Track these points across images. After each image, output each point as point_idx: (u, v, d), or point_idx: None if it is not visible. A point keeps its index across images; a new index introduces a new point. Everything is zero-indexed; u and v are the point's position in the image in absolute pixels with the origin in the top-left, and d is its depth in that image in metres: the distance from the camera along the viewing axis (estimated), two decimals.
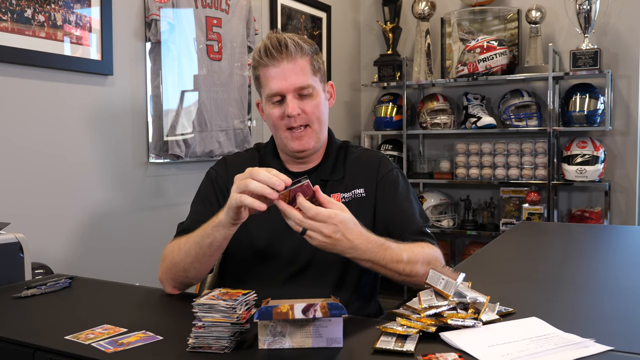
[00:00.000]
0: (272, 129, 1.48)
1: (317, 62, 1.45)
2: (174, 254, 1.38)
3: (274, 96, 1.41)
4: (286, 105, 1.40)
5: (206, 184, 1.54)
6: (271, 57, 1.39)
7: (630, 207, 3.70)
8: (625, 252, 2.12)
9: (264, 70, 1.42)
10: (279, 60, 1.39)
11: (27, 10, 2.04)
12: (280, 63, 1.39)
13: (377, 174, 1.49)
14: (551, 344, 0.98)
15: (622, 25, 3.67)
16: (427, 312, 1.05)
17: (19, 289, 1.43)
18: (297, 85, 1.40)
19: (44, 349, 1.06)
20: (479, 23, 4.11)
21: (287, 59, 1.39)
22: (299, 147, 1.43)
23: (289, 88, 1.39)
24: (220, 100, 2.87)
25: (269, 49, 1.39)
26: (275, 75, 1.39)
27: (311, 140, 1.44)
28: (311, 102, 1.42)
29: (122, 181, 2.47)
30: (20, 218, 1.92)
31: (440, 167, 4.15)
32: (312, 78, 1.42)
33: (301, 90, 1.40)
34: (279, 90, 1.40)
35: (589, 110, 3.57)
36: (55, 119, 2.19)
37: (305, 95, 1.41)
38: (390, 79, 4.15)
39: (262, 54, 1.40)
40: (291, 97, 1.40)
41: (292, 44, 1.39)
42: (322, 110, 1.45)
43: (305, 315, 0.97)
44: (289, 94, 1.40)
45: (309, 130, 1.43)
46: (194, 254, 1.33)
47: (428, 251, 1.37)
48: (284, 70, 1.39)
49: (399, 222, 1.43)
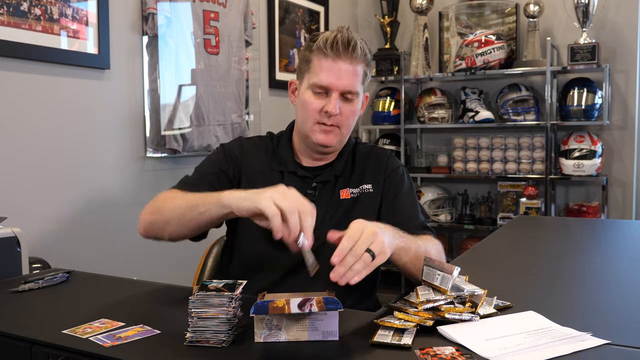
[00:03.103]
0: (301, 116, 1.46)
1: (369, 72, 1.47)
2: (165, 202, 1.35)
3: (320, 88, 1.41)
4: (328, 101, 1.40)
5: (217, 154, 1.53)
6: (336, 51, 1.39)
7: (628, 201, 3.71)
8: (622, 246, 2.13)
9: (320, 59, 1.41)
10: (342, 57, 1.39)
11: (23, 4, 2.03)
12: (341, 60, 1.39)
13: (385, 171, 1.52)
14: (548, 337, 0.98)
15: (620, 20, 3.67)
16: (424, 305, 1.05)
17: (16, 283, 1.43)
18: (347, 88, 1.40)
19: (41, 343, 1.06)
20: (477, 17, 4.11)
21: (349, 60, 1.39)
22: (324, 141, 1.43)
23: (338, 87, 1.40)
24: (217, 94, 2.86)
25: (337, 42, 1.38)
26: (330, 69, 1.39)
27: (335, 140, 1.45)
28: (350, 107, 1.43)
29: (119, 175, 2.47)
30: (17, 212, 1.92)
31: (437, 162, 4.15)
32: (360, 86, 1.44)
33: (347, 94, 1.42)
34: (329, 84, 1.40)
35: (586, 104, 3.57)
36: (52, 113, 2.18)
37: (348, 99, 1.43)
38: (388, 73, 4.15)
39: (329, 45, 1.39)
40: (335, 96, 1.40)
41: (360, 47, 1.40)
42: (355, 118, 1.47)
43: (301, 309, 0.97)
44: (335, 92, 1.40)
45: (337, 130, 1.44)
46: (182, 212, 1.29)
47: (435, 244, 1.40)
48: (340, 69, 1.39)
49: (402, 217, 1.45)
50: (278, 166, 1.50)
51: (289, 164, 1.50)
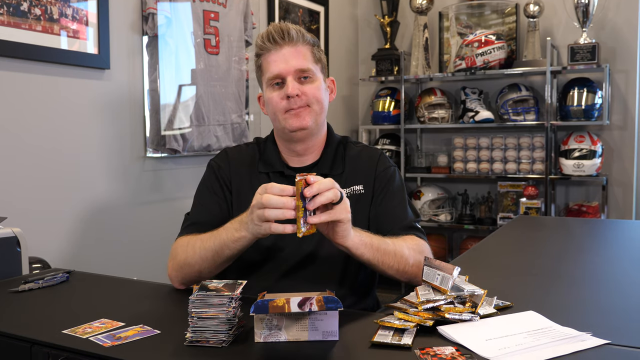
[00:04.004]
0: (272, 116, 1.47)
1: (318, 53, 1.48)
2: (188, 255, 1.36)
3: (275, 79, 1.43)
4: (286, 87, 1.42)
5: (209, 175, 1.54)
6: (274, 42, 1.42)
7: (628, 201, 3.71)
8: (622, 246, 2.13)
9: (266, 57, 1.44)
10: (281, 45, 1.42)
11: (23, 4, 2.03)
12: (282, 48, 1.42)
13: (375, 170, 1.51)
14: (548, 337, 0.98)
15: (620, 20, 3.67)
16: (424, 305, 1.05)
17: (16, 283, 1.43)
18: (298, 67, 1.42)
19: (41, 343, 1.06)
20: (477, 17, 4.11)
21: (289, 44, 1.43)
22: (298, 124, 1.43)
23: (289, 70, 1.42)
24: (217, 94, 2.86)
25: (271, 35, 1.43)
26: (276, 59, 1.42)
27: (309, 119, 1.44)
28: (311, 85, 1.44)
29: (119, 175, 2.47)
30: (18, 212, 1.92)
31: (437, 162, 4.15)
32: (312, 65, 1.45)
33: (301, 73, 1.43)
34: (280, 72, 1.42)
35: (586, 104, 3.57)
36: (52, 112, 2.18)
37: (306, 79, 1.44)
38: (388, 73, 4.15)
39: (265, 39, 1.43)
40: (291, 79, 1.42)
41: (294, 30, 1.44)
42: (322, 95, 1.47)
43: (301, 308, 0.97)
44: (289, 75, 1.42)
45: (308, 109, 1.44)
46: (211, 260, 1.32)
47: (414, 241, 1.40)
48: (285, 54, 1.42)
49: (389, 217, 1.45)
50: (265, 168, 1.51)
51: (275, 165, 1.50)
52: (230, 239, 1.27)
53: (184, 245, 1.39)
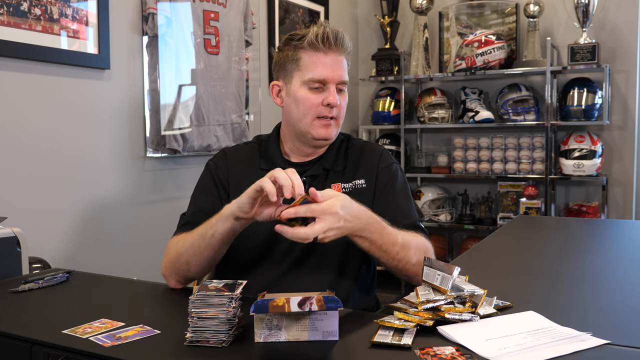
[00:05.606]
0: (297, 114, 1.45)
1: (349, 63, 1.52)
2: (178, 247, 1.38)
3: (317, 82, 1.43)
4: (327, 94, 1.43)
5: (206, 176, 1.54)
6: (328, 44, 1.42)
7: (628, 201, 3.71)
8: (622, 246, 2.13)
9: (310, 54, 1.43)
10: (333, 50, 1.43)
11: (23, 4, 2.03)
12: (333, 53, 1.43)
13: (378, 166, 1.51)
14: (548, 337, 0.98)
15: (620, 20, 3.67)
16: (424, 305, 1.05)
17: (16, 283, 1.43)
18: (341, 79, 1.45)
19: (41, 343, 1.06)
20: (477, 17, 4.11)
21: (339, 52, 1.44)
22: (326, 135, 1.45)
23: (335, 79, 1.43)
24: (217, 94, 2.86)
25: (327, 36, 1.41)
26: (324, 63, 1.42)
27: (334, 131, 1.48)
28: (344, 100, 1.48)
29: (119, 175, 2.47)
30: (18, 212, 1.92)
31: (437, 162, 4.15)
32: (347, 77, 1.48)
33: (341, 85, 1.46)
34: (326, 78, 1.42)
35: (586, 104, 3.57)
36: (52, 112, 2.18)
37: (341, 91, 1.47)
38: (388, 73, 4.15)
39: (319, 39, 1.41)
40: (333, 88, 1.43)
41: (347, 40, 1.45)
42: None
43: (301, 308, 0.97)
44: (332, 84, 1.43)
45: (336, 122, 1.47)
46: (196, 246, 1.33)
47: (420, 240, 1.39)
48: (332, 61, 1.43)
49: (393, 214, 1.44)
50: (266, 165, 1.50)
51: (277, 162, 1.50)
52: (214, 217, 1.29)
53: (174, 241, 1.41)
